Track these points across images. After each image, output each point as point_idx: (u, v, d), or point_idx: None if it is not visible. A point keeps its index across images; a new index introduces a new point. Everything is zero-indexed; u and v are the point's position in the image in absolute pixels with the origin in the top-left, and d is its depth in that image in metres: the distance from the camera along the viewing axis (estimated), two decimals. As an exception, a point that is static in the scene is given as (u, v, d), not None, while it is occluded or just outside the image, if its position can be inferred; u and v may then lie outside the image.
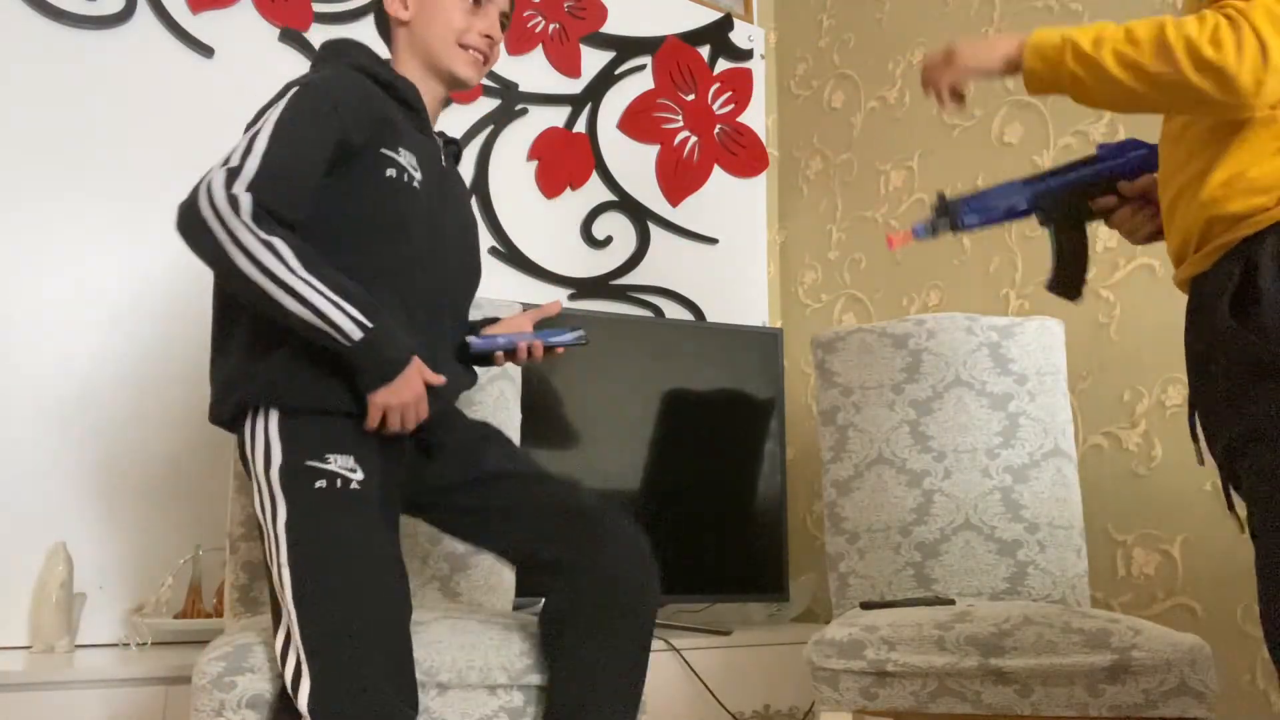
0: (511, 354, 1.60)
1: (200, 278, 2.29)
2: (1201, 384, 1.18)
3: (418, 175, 1.47)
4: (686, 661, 2.22)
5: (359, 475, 1.35)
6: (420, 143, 1.52)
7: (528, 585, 1.85)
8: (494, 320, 1.71)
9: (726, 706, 2.24)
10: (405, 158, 1.46)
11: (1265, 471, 1.07)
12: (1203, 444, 1.21)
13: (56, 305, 2.17)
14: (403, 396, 1.37)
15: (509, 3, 1.62)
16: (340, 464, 1.34)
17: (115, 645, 2.11)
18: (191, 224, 1.31)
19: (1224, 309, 1.09)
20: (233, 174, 1.31)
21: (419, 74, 1.59)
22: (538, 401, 2.32)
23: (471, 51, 1.57)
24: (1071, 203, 1.40)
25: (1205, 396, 1.18)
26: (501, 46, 1.71)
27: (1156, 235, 1.36)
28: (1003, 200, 1.45)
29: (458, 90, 1.64)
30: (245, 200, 1.30)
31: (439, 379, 1.42)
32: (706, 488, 2.61)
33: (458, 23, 1.55)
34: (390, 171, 1.44)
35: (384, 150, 1.44)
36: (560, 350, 1.64)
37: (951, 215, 1.46)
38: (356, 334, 1.31)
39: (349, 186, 1.43)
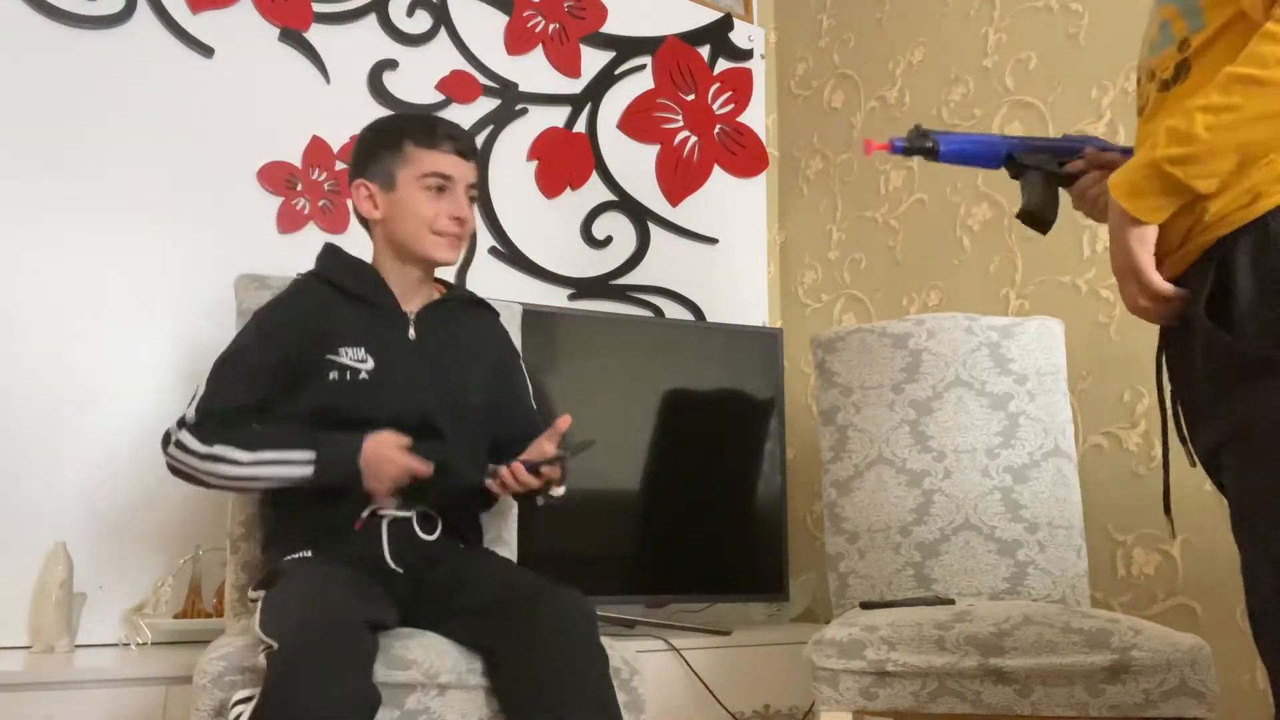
0: (502, 482, 1.64)
1: (200, 276, 2.29)
2: (1183, 386, 1.18)
3: (367, 365, 1.61)
4: (686, 661, 2.22)
5: (309, 554, 1.55)
6: (376, 328, 1.63)
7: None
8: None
9: (726, 706, 2.24)
10: (350, 355, 1.60)
11: (1250, 471, 1.07)
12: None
13: (57, 304, 2.17)
14: (384, 473, 1.53)
15: (474, 172, 1.68)
16: (297, 557, 1.55)
17: (115, 645, 2.11)
18: (168, 465, 1.59)
19: (1200, 309, 1.08)
20: (180, 423, 1.57)
21: (395, 262, 1.68)
22: (537, 402, 2.32)
23: (446, 235, 1.64)
24: (1043, 158, 1.45)
25: (1187, 399, 1.17)
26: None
27: None
28: (980, 145, 1.50)
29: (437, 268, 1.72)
30: (187, 439, 1.55)
31: (405, 441, 1.55)
32: (706, 487, 2.61)
33: (426, 212, 1.62)
34: (333, 374, 1.60)
35: (328, 356, 1.60)
36: (549, 474, 1.64)
37: (932, 142, 1.50)
38: (310, 471, 1.53)
39: (304, 393, 1.61)
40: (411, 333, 1.67)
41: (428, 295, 1.73)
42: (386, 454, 1.53)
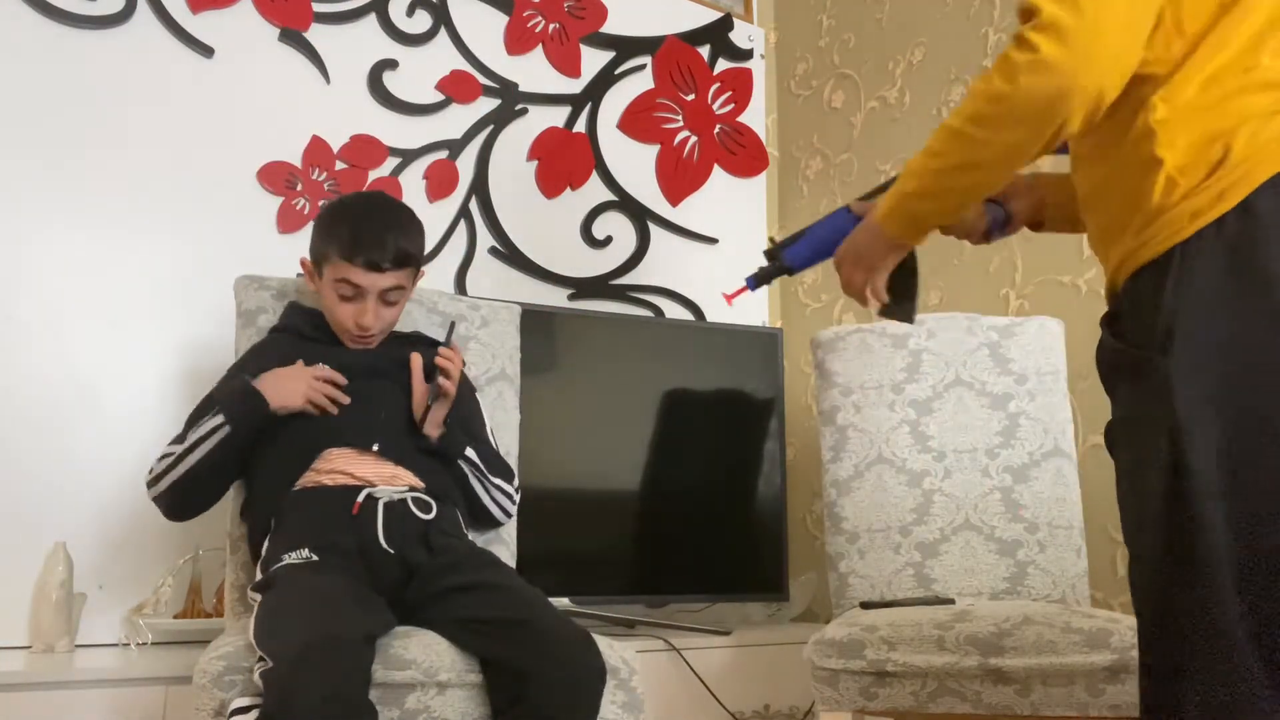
0: (435, 395, 1.71)
1: (200, 276, 2.29)
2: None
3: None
4: (686, 661, 2.22)
5: (313, 558, 1.55)
6: (331, 351, 1.78)
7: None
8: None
9: (726, 706, 2.24)
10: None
11: (1120, 469, 1.12)
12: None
13: (56, 304, 2.17)
14: (284, 387, 1.67)
15: (391, 279, 1.75)
16: (294, 557, 1.56)
17: (115, 645, 2.11)
18: (155, 500, 1.70)
19: (1105, 322, 1.14)
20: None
21: None
22: (537, 401, 2.32)
23: (353, 335, 1.78)
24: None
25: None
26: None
27: (994, 232, 1.39)
28: (831, 231, 1.40)
29: None
30: (154, 460, 1.69)
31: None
32: (706, 487, 2.61)
33: (336, 313, 1.77)
34: None
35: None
36: (447, 359, 1.73)
37: (780, 259, 1.44)
38: (221, 421, 1.64)
39: None
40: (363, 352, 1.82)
41: None
42: (284, 372, 1.69)
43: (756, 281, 1.48)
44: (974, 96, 1.10)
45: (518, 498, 1.86)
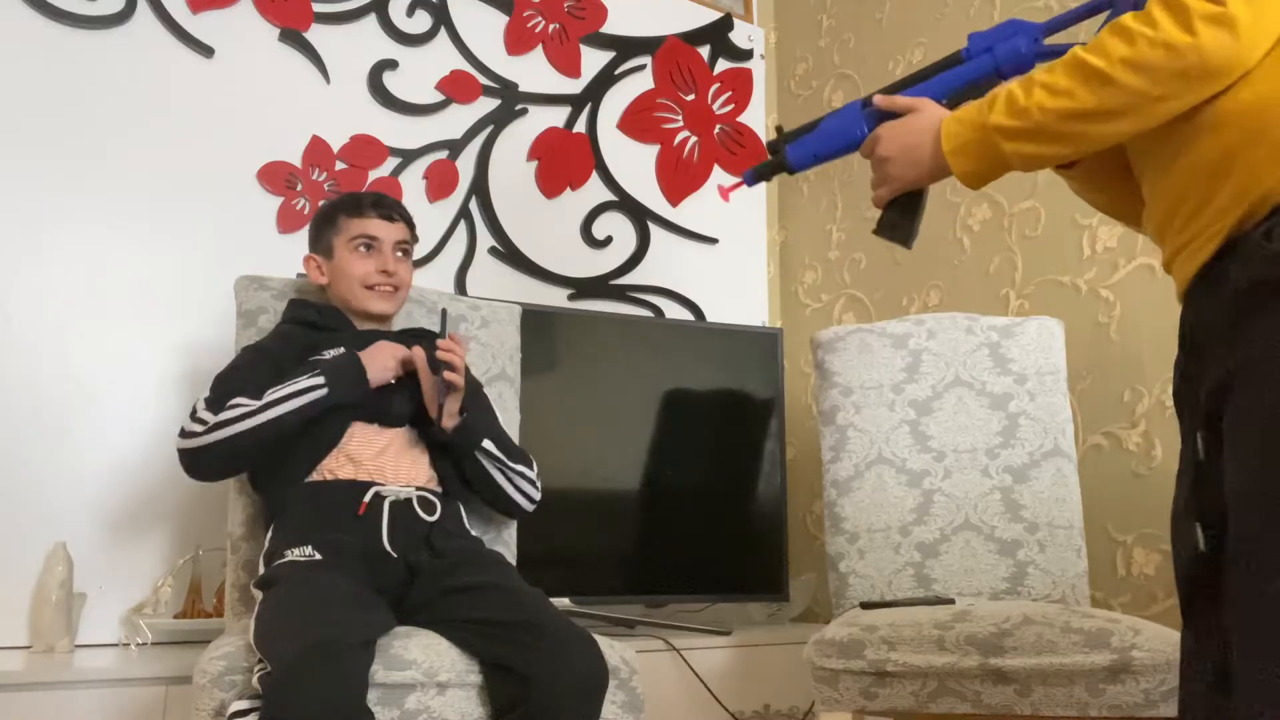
0: (444, 390, 1.73)
1: (200, 276, 2.29)
2: (1198, 338, 1.03)
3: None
4: (686, 661, 2.22)
5: (316, 556, 1.55)
6: (345, 341, 1.78)
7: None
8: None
9: (726, 706, 2.24)
10: (331, 353, 1.75)
11: (1246, 417, 0.91)
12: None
13: (57, 304, 2.17)
14: (379, 359, 1.71)
15: (401, 231, 1.84)
16: (297, 553, 1.55)
17: (115, 645, 2.11)
18: (187, 451, 1.63)
19: (1256, 235, 0.95)
20: (191, 413, 1.65)
21: (346, 312, 1.85)
22: (537, 402, 2.32)
23: (378, 288, 1.81)
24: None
25: (1197, 345, 1.03)
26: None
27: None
28: (840, 131, 1.27)
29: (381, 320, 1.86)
30: (201, 413, 1.62)
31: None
32: (706, 487, 2.61)
33: (358, 271, 1.80)
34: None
35: (310, 360, 1.75)
36: (455, 342, 1.74)
37: (782, 155, 1.30)
38: (320, 382, 1.64)
39: None
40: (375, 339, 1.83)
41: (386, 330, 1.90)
42: (377, 346, 1.73)
43: (755, 177, 1.37)
44: (1131, 38, 0.97)
45: (539, 484, 1.84)
